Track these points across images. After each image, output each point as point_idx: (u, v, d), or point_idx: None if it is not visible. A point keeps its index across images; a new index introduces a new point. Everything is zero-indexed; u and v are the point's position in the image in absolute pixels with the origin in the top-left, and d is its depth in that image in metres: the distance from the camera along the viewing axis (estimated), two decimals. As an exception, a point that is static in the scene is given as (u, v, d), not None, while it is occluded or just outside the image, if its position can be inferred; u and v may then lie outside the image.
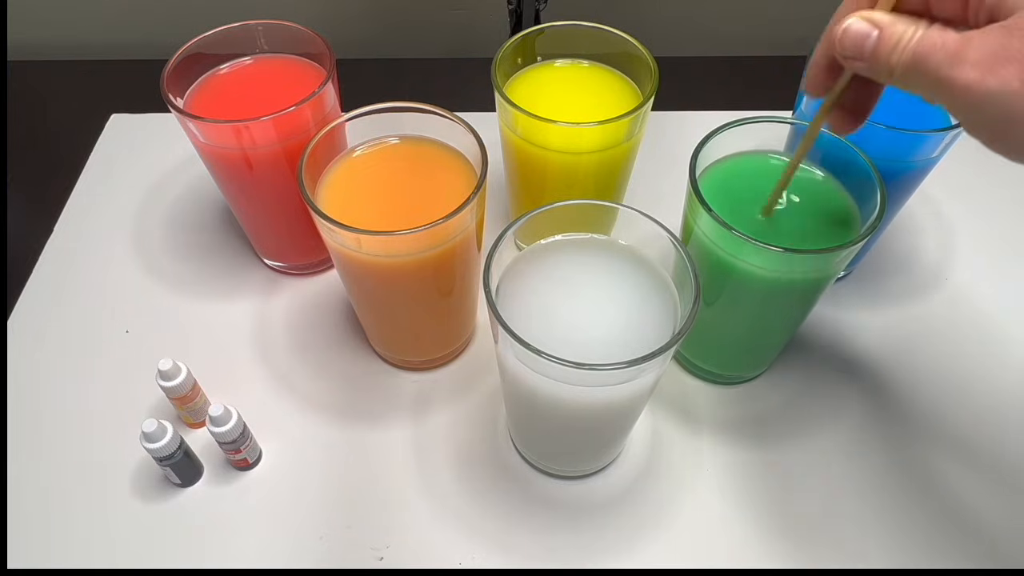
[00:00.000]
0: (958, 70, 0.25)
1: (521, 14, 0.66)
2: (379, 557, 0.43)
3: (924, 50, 0.27)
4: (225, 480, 0.45)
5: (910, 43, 0.27)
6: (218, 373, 0.49)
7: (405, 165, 0.44)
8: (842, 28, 0.29)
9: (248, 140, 0.44)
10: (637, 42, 0.48)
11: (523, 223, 0.37)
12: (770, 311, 0.43)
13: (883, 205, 0.39)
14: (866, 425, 0.48)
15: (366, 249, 0.39)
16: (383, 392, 0.50)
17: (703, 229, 0.40)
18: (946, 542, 0.43)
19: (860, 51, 0.29)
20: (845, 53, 0.29)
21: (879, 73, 0.29)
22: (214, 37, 0.48)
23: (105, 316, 0.53)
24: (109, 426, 0.47)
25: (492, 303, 0.34)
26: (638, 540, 0.43)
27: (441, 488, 0.45)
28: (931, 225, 0.59)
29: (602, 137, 0.45)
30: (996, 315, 0.53)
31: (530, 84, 0.50)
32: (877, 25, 0.28)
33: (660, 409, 0.49)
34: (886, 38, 0.28)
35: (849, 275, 0.56)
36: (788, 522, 0.44)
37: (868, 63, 0.29)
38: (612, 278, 0.39)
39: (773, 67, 0.71)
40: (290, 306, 0.54)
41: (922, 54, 0.27)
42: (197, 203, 0.60)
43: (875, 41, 0.28)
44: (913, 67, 0.27)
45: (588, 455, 0.45)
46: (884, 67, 0.28)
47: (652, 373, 0.36)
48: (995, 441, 0.47)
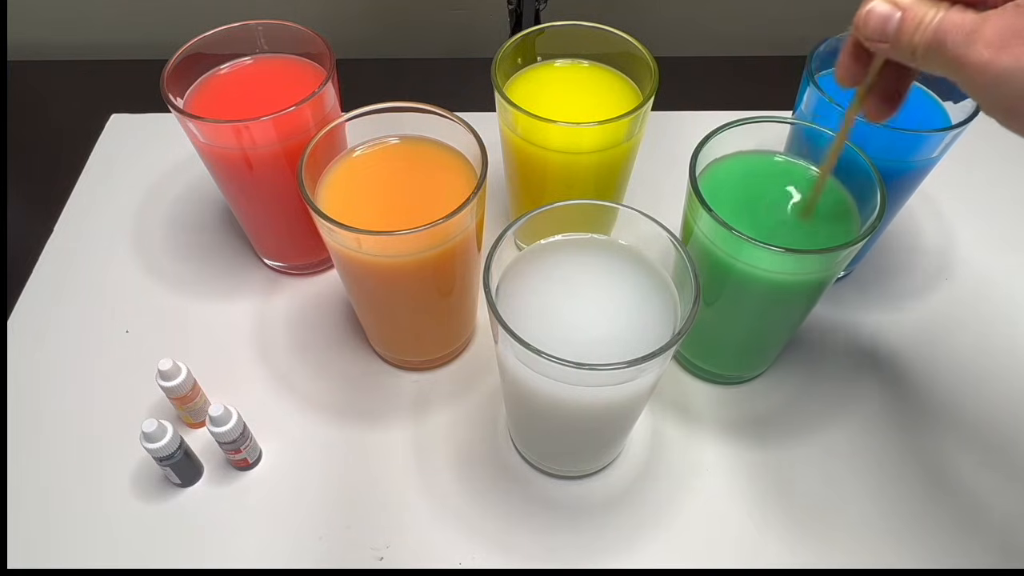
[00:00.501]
0: (973, 49, 0.26)
1: (521, 14, 0.66)
2: (379, 557, 0.43)
3: (943, 30, 0.27)
4: (225, 480, 0.45)
5: (931, 24, 0.28)
6: (218, 373, 0.49)
7: (405, 165, 0.44)
8: (866, 10, 0.30)
9: (248, 140, 0.44)
10: (637, 42, 0.48)
11: (523, 223, 0.37)
12: (770, 311, 0.43)
13: (883, 205, 0.39)
14: (866, 425, 0.48)
15: (366, 249, 0.39)
16: (383, 392, 0.50)
17: (703, 229, 0.40)
18: (946, 542, 0.43)
19: (883, 33, 0.29)
20: (868, 35, 0.30)
21: (902, 54, 0.29)
22: (214, 37, 0.48)
23: (105, 316, 0.53)
24: (109, 426, 0.47)
25: (492, 303, 0.34)
26: (638, 540, 0.43)
27: (441, 488, 0.45)
28: (931, 225, 0.59)
29: (602, 137, 0.45)
30: (996, 315, 0.53)
31: (530, 84, 0.50)
32: (900, 7, 0.29)
33: (660, 409, 0.49)
34: (908, 19, 0.28)
35: (849, 275, 0.56)
36: (788, 522, 0.44)
37: (891, 44, 0.29)
38: (612, 278, 0.39)
39: (773, 67, 0.71)
40: (290, 306, 0.54)
41: (941, 34, 0.27)
42: (197, 203, 0.60)
43: (897, 22, 0.29)
44: (933, 47, 0.28)
45: (588, 455, 0.45)
46: (907, 48, 0.29)
47: (652, 373, 0.36)
48: (995, 441, 0.47)
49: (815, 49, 0.46)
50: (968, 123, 0.42)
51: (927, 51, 0.28)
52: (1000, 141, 0.64)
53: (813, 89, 0.44)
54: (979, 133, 0.41)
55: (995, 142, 0.63)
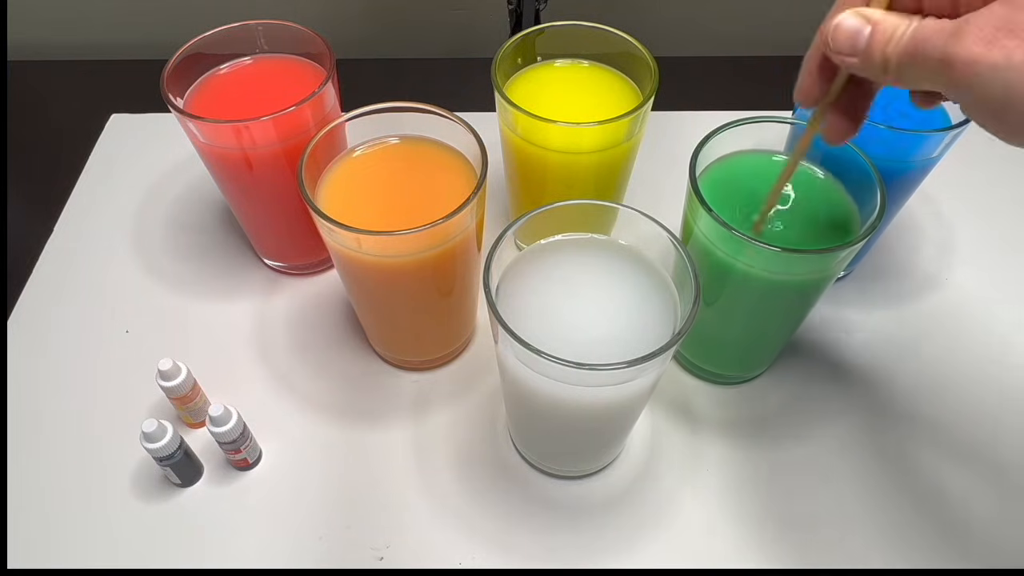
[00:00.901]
0: (960, 46, 0.25)
1: (521, 14, 0.66)
2: (379, 557, 0.43)
3: (922, 37, 0.26)
4: (225, 480, 0.45)
5: (905, 34, 0.27)
6: (218, 373, 0.49)
7: (405, 165, 0.44)
8: (833, 24, 0.29)
9: (248, 140, 0.44)
10: (637, 42, 0.48)
11: (523, 223, 0.37)
12: (770, 311, 0.43)
13: (883, 205, 0.39)
14: (866, 425, 0.48)
15: (366, 249, 0.39)
16: (383, 392, 0.50)
17: (703, 229, 0.40)
18: (947, 542, 0.43)
19: (853, 47, 0.28)
20: (838, 49, 0.29)
21: (873, 68, 0.28)
22: (214, 37, 0.48)
23: (105, 316, 0.53)
24: (109, 426, 0.47)
25: (492, 303, 0.34)
26: (638, 540, 0.43)
27: (441, 488, 0.45)
28: (931, 225, 0.59)
29: (602, 137, 0.45)
30: (996, 315, 0.53)
31: (530, 84, 0.50)
32: (870, 21, 0.28)
33: (660, 409, 0.49)
34: (880, 31, 0.28)
35: (849, 275, 0.56)
36: (788, 522, 0.44)
37: (861, 59, 0.28)
38: (612, 278, 0.39)
39: (773, 67, 0.70)
40: (290, 306, 0.54)
41: (919, 41, 0.26)
42: (197, 203, 0.60)
43: (868, 36, 0.28)
44: (910, 55, 0.27)
45: (588, 455, 0.45)
46: (878, 61, 0.28)
47: (652, 373, 0.36)
48: (994, 441, 0.47)
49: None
50: (968, 123, 0.42)
51: (902, 61, 0.27)
52: (1000, 141, 0.64)
53: (813, 89, 0.44)
54: (979, 133, 0.41)
55: (995, 142, 0.62)
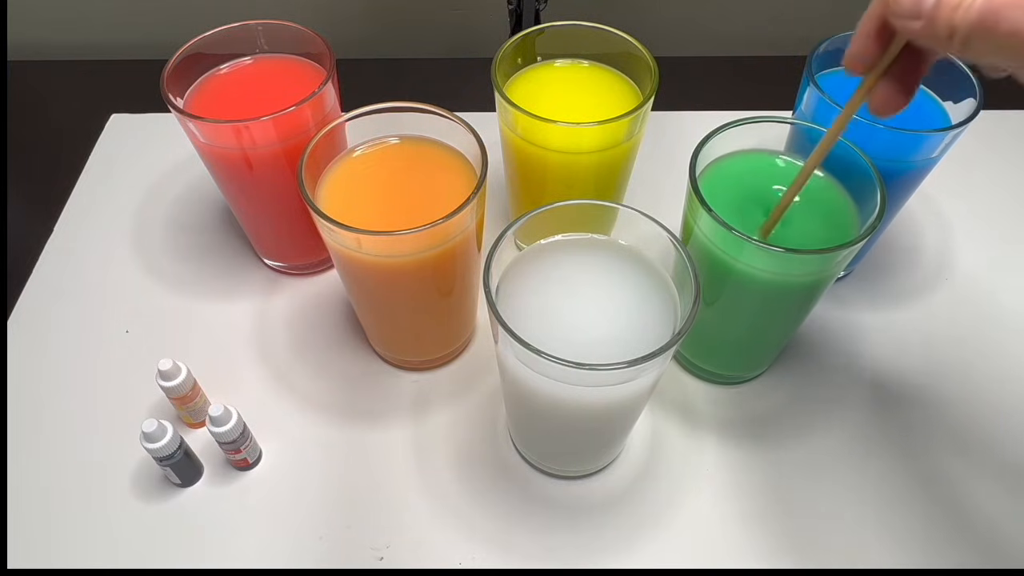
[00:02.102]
0: None
1: (521, 14, 0.66)
2: (379, 557, 0.43)
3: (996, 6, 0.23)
4: (225, 480, 0.45)
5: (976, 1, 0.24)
6: (218, 373, 0.49)
7: (405, 165, 0.44)
8: None
9: (248, 140, 0.44)
10: (637, 42, 0.48)
11: (523, 223, 0.37)
12: (770, 311, 0.43)
13: (883, 205, 0.39)
14: (866, 425, 0.48)
15: (366, 249, 0.39)
16: (383, 392, 0.50)
17: (703, 229, 0.40)
18: (947, 542, 0.43)
19: (918, 10, 0.25)
20: (900, 12, 0.26)
21: (938, 35, 0.25)
22: (214, 37, 0.48)
23: (105, 316, 0.53)
24: (109, 426, 0.47)
25: (492, 303, 0.34)
26: (637, 540, 0.43)
27: (441, 488, 0.45)
28: (931, 225, 0.59)
29: (602, 137, 0.45)
30: (996, 315, 0.53)
31: (530, 84, 0.50)
32: None
33: (660, 409, 0.49)
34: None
35: (849, 275, 0.56)
36: (788, 522, 0.44)
37: (925, 24, 0.25)
38: (612, 278, 0.39)
39: (773, 67, 0.71)
40: (290, 306, 0.54)
41: (994, 10, 0.23)
42: (197, 203, 0.60)
43: None
44: (981, 25, 0.24)
45: (588, 455, 0.45)
46: (944, 28, 0.25)
47: (652, 373, 0.36)
48: (996, 440, 0.47)
49: (815, 49, 0.46)
50: (968, 123, 0.42)
51: (972, 30, 0.24)
52: (1000, 141, 0.64)
53: (813, 89, 0.44)
54: (979, 133, 0.41)
55: (995, 142, 0.63)
